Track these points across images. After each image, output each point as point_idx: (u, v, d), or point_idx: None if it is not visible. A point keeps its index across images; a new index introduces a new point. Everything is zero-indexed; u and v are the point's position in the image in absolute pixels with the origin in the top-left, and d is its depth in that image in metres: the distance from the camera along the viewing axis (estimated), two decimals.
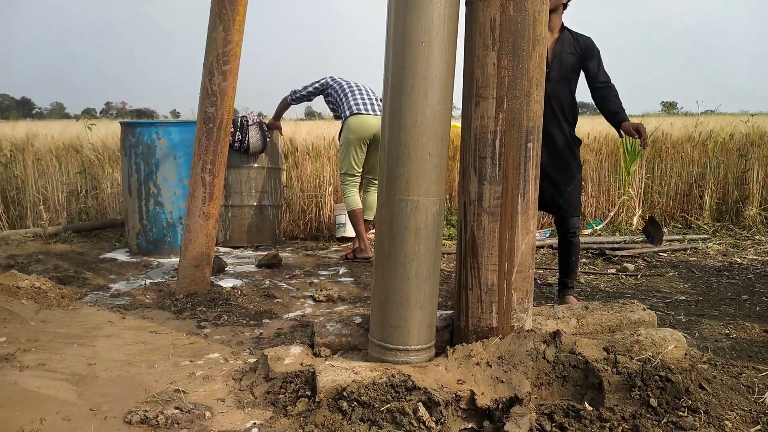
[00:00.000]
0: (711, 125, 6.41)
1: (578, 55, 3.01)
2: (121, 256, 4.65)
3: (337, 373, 2.02)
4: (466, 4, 2.10)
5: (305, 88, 4.71)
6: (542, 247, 4.76)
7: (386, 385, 1.92)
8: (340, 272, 4.11)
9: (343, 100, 4.46)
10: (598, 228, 5.43)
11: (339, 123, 4.63)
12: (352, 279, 3.91)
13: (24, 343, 2.58)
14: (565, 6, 3.06)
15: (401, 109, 1.97)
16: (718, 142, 5.99)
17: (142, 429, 1.85)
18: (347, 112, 4.42)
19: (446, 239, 4.99)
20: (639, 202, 5.68)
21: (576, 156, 3.11)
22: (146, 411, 1.92)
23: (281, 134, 5.26)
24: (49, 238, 5.21)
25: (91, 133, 5.90)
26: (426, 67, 1.95)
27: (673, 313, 3.11)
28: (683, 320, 2.98)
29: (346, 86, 4.52)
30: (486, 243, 2.09)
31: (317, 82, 4.68)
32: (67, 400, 2.05)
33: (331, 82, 4.61)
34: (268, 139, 4.95)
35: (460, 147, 2.19)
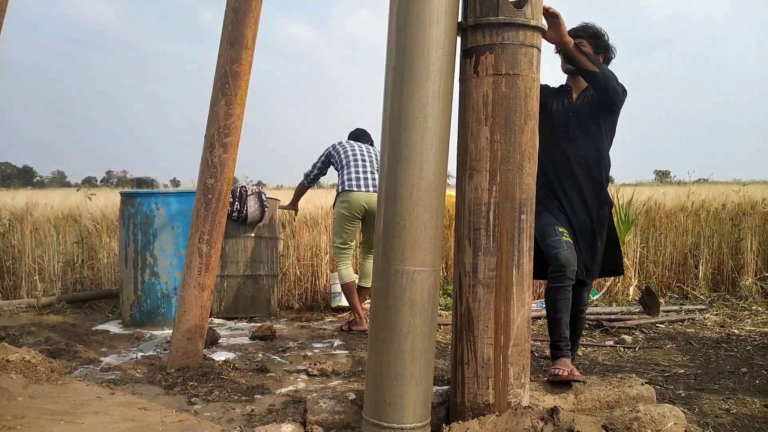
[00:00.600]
0: (703, 195, 6.50)
1: (596, 101, 2.89)
2: (113, 328, 4.58)
3: None
4: (460, 80, 2.18)
5: (314, 166, 4.80)
6: (539, 318, 4.71)
7: None
8: (335, 344, 4.05)
9: (342, 171, 4.53)
10: (595, 298, 5.39)
11: (333, 194, 4.69)
12: (347, 352, 3.84)
13: (9, 420, 2.50)
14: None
15: (397, 181, 2.01)
16: (711, 212, 6.05)
17: None
18: (340, 187, 4.48)
19: (443, 309, 4.94)
20: (635, 271, 5.67)
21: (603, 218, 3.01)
22: None
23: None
24: (42, 309, 5.14)
25: (90, 203, 5.94)
26: (421, 141, 2.00)
27: (672, 387, 3.04)
28: (682, 395, 2.91)
29: (345, 155, 4.56)
30: (482, 315, 2.07)
31: (322, 155, 4.76)
32: None
33: (333, 152, 4.67)
34: (266, 209, 4.99)
35: (455, 218, 2.21)
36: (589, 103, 2.92)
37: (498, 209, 2.07)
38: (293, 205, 5.15)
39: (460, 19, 2.13)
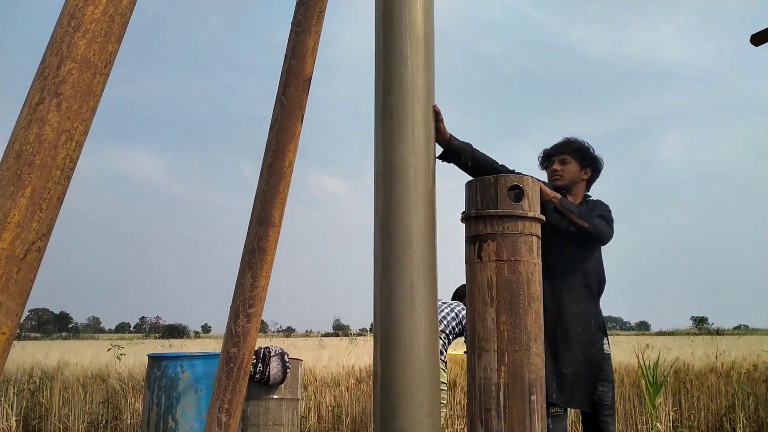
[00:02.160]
0: (733, 354, 6.35)
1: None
2: None
3: None
4: (466, 263, 2.36)
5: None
6: None
7: None
8: None
9: None
10: None
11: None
12: None
13: None
14: (589, 181, 3.07)
15: (390, 362, 2.14)
16: (742, 373, 5.88)
17: None
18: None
19: None
20: None
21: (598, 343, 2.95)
22: None
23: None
24: None
25: (119, 363, 6.08)
26: (410, 321, 2.17)
27: None
28: None
29: None
30: None
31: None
32: None
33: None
34: (288, 370, 5.05)
35: (467, 397, 2.28)
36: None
37: (507, 390, 2.14)
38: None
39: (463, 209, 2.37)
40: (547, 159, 3.15)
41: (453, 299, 4.94)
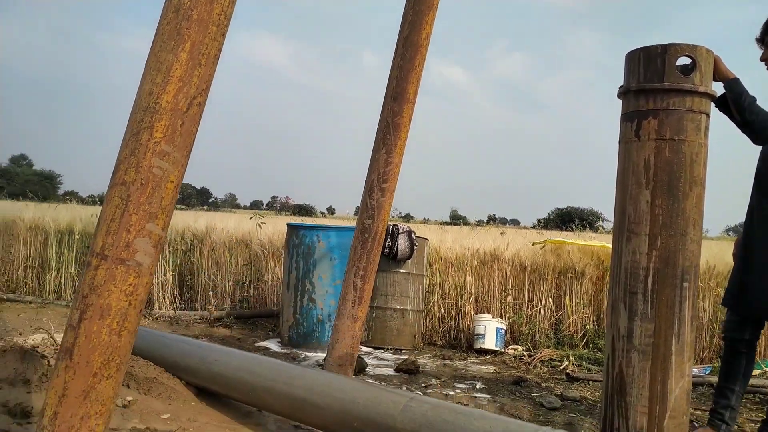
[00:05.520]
0: None
1: None
2: (273, 345, 5.00)
3: None
4: (620, 142, 2.17)
5: None
6: (701, 385, 4.34)
7: None
8: (477, 387, 4.07)
9: None
10: None
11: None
12: (489, 396, 3.85)
13: (184, 422, 2.86)
14: None
15: None
16: None
17: None
18: None
19: (592, 363, 4.74)
20: None
21: None
22: None
23: None
24: (214, 322, 5.77)
25: (260, 231, 6.57)
26: None
27: None
28: None
29: None
30: (635, 382, 2.02)
31: None
32: None
33: None
34: (415, 247, 5.19)
35: (611, 279, 2.19)
36: None
37: (657, 275, 2.02)
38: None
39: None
40: None
41: None
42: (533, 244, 5.81)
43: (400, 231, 5.13)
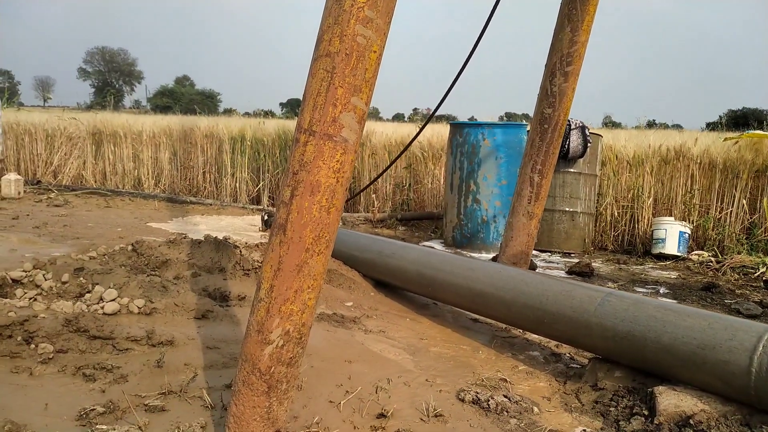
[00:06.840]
0: None
1: None
2: (436, 245, 5.04)
3: (680, 398, 1.87)
4: None
5: None
6: None
7: (740, 424, 1.71)
8: (661, 291, 3.79)
9: None
10: None
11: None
12: (675, 301, 3.56)
13: (366, 310, 2.97)
14: None
15: None
16: None
17: (474, 409, 1.96)
18: None
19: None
20: None
21: None
22: (477, 393, 2.03)
23: None
24: (377, 224, 5.93)
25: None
26: None
27: None
28: None
29: None
30: None
31: None
32: (405, 367, 2.28)
33: None
34: (588, 144, 4.82)
35: None
36: None
37: None
38: None
39: None
40: None
41: None
42: (724, 139, 5.15)
43: (573, 126, 4.77)
